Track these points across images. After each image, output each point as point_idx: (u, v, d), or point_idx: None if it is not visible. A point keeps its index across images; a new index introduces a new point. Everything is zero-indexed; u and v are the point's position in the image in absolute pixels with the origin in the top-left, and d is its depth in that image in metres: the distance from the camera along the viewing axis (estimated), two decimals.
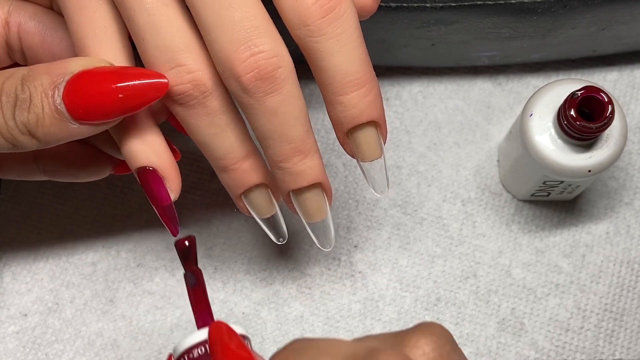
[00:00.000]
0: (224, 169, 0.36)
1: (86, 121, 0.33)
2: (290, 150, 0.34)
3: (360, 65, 0.34)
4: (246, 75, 0.32)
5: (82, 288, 0.47)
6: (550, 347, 0.46)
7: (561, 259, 0.48)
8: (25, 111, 0.33)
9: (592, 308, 0.47)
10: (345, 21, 0.33)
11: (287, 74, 0.33)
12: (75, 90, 0.32)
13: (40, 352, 0.46)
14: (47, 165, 0.41)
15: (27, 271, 0.47)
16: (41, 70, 0.33)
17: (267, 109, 0.33)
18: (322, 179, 0.36)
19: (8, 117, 0.33)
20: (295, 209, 0.37)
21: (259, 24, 0.32)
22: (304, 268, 0.47)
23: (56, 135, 0.33)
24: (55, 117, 0.33)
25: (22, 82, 0.33)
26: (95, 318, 0.47)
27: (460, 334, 0.46)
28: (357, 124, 0.35)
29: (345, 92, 0.34)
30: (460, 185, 0.49)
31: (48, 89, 0.32)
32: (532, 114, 0.42)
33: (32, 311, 0.47)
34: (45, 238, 0.48)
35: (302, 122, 0.34)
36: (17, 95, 0.33)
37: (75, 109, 0.32)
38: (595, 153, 0.42)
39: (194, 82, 0.33)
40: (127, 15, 0.33)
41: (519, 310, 0.47)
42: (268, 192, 0.37)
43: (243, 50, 0.32)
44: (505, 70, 0.50)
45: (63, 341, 0.46)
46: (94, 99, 0.32)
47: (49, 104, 0.32)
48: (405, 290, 0.47)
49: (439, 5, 0.44)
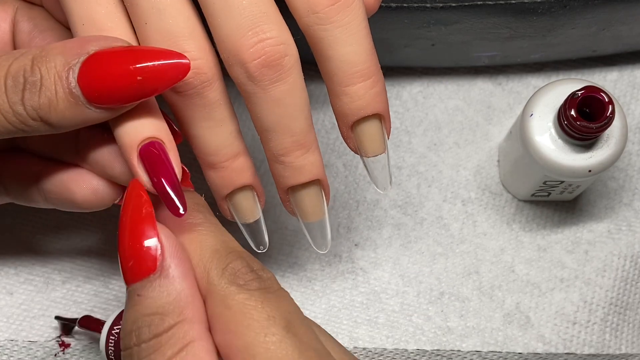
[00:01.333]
0: (213, 166, 0.35)
1: (102, 105, 0.31)
2: (292, 143, 0.34)
3: (368, 56, 0.33)
4: (253, 61, 0.31)
5: (75, 274, 0.47)
6: (557, 340, 0.46)
7: (564, 255, 0.47)
8: (36, 95, 0.31)
9: (598, 301, 0.47)
10: (354, 10, 0.32)
11: (293, 64, 0.32)
12: (91, 72, 0.30)
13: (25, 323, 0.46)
14: (49, 192, 0.38)
15: (16, 255, 0.47)
16: (55, 51, 0.31)
17: (272, 99, 0.32)
18: (322, 177, 0.35)
19: (14, 102, 0.31)
20: (292, 208, 0.36)
21: (267, 9, 0.32)
22: (305, 264, 0.47)
23: (70, 119, 0.31)
24: (69, 100, 0.31)
25: (32, 63, 0.31)
26: (87, 298, 0.46)
27: (466, 325, 0.46)
28: (363, 116, 0.34)
29: (352, 83, 0.33)
30: (461, 186, 0.49)
31: (62, 70, 0.31)
32: (532, 114, 0.42)
33: (20, 291, 0.46)
34: (38, 226, 0.47)
35: (305, 115, 0.33)
36: (25, 78, 0.31)
37: (91, 92, 0.31)
38: (596, 153, 0.42)
39: (195, 70, 0.32)
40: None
41: (524, 304, 0.47)
42: (254, 196, 0.36)
43: (250, 36, 0.31)
44: (505, 70, 0.51)
45: (51, 317, 0.46)
46: (111, 82, 0.30)
47: (62, 86, 0.31)
48: (407, 285, 0.47)
49: (439, 6, 0.44)
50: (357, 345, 0.46)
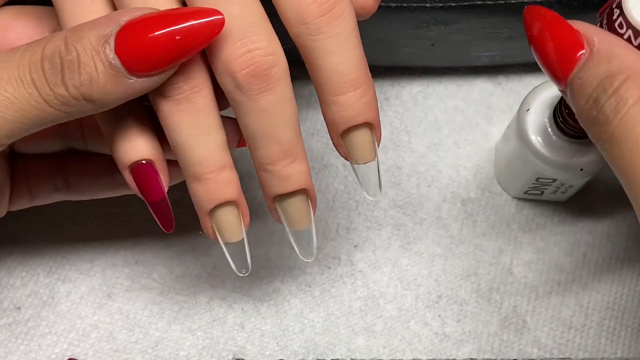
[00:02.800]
0: (198, 177, 0.34)
1: (143, 72, 0.31)
2: (279, 152, 0.34)
3: (358, 66, 0.33)
4: (241, 71, 0.32)
5: (78, 283, 0.47)
6: (553, 345, 0.46)
7: (562, 257, 0.47)
8: (76, 73, 0.31)
9: (595, 306, 0.47)
10: (344, 21, 0.33)
11: (282, 74, 0.32)
12: (128, 41, 0.31)
13: (33, 343, 0.46)
14: (71, 179, 0.40)
15: (22, 266, 0.47)
16: (86, 27, 0.31)
17: (259, 108, 0.33)
18: (309, 186, 0.35)
19: (55, 84, 0.31)
20: (278, 216, 0.36)
21: (256, 20, 0.32)
22: (304, 266, 0.47)
23: (113, 93, 0.31)
24: (110, 73, 0.31)
25: (65, 43, 0.31)
26: (91, 311, 0.46)
27: (463, 330, 0.46)
28: (353, 125, 0.34)
29: (342, 92, 0.33)
30: (460, 186, 0.49)
31: (97, 44, 0.30)
32: (529, 109, 0.43)
33: (27, 304, 0.47)
34: (42, 235, 0.47)
35: (292, 125, 0.34)
36: (62, 58, 0.31)
37: (130, 61, 0.31)
38: (589, 152, 0.42)
39: (186, 74, 0.32)
40: (124, 4, 0.32)
41: (521, 308, 0.47)
42: (238, 214, 0.36)
43: (239, 46, 0.32)
44: (505, 70, 0.51)
45: (57, 333, 0.46)
46: (149, 47, 0.30)
47: (101, 60, 0.31)
48: (406, 289, 0.47)
49: (439, 5, 0.44)
50: (354, 358, 0.46)
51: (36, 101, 0.31)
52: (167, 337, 0.46)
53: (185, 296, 0.46)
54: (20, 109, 0.31)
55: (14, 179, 0.40)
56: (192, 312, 0.46)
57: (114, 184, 0.40)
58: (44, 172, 0.40)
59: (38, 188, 0.40)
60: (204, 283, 0.47)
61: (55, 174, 0.40)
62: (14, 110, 0.31)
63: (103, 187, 0.41)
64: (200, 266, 0.47)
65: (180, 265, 0.47)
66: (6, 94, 0.31)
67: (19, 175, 0.40)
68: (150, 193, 0.35)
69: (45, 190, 0.40)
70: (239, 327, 0.46)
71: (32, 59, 0.31)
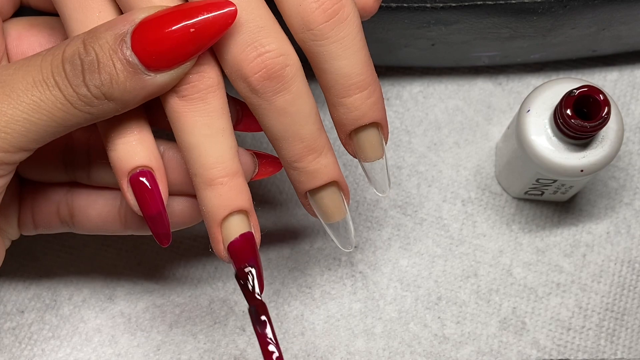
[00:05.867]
0: (212, 182, 0.34)
1: (161, 68, 0.31)
2: (302, 149, 0.34)
3: (363, 68, 0.34)
4: (254, 75, 0.32)
5: (80, 286, 0.47)
6: (551, 346, 0.46)
7: (562, 258, 0.48)
8: (96, 73, 0.31)
9: (594, 307, 0.47)
10: (348, 24, 0.33)
11: (295, 72, 0.33)
12: (144, 38, 0.31)
13: (36, 348, 0.46)
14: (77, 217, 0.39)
15: (24, 267, 0.47)
16: (102, 28, 0.32)
17: (277, 109, 0.33)
18: (338, 177, 0.36)
19: (77, 85, 0.31)
20: (313, 210, 0.37)
21: (264, 24, 0.32)
22: (304, 268, 0.47)
23: (133, 91, 0.32)
24: (129, 70, 0.31)
25: (84, 45, 0.31)
26: (93, 315, 0.47)
27: (462, 332, 0.46)
28: (360, 125, 0.35)
29: (349, 95, 0.34)
30: (461, 186, 0.49)
31: (114, 44, 0.31)
32: (529, 110, 0.43)
33: (29, 308, 0.47)
34: (43, 237, 0.48)
35: (312, 120, 0.34)
36: (82, 59, 0.31)
37: (147, 57, 0.31)
38: (589, 153, 0.42)
39: (201, 73, 0.33)
40: (133, 5, 0.32)
41: (520, 309, 0.47)
42: (251, 226, 0.35)
43: (250, 51, 0.32)
44: (505, 70, 0.51)
45: (60, 337, 0.46)
46: (165, 42, 0.31)
47: (119, 58, 0.31)
48: (405, 290, 0.47)
49: (439, 5, 0.44)
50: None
51: (61, 103, 0.32)
52: (169, 340, 0.46)
53: (187, 299, 0.47)
54: (47, 112, 0.32)
55: (21, 202, 0.40)
56: (193, 315, 0.46)
57: (119, 222, 0.39)
58: (49, 200, 0.40)
59: (41, 216, 0.40)
60: (204, 286, 0.47)
61: (59, 204, 0.39)
62: (41, 114, 0.32)
63: (108, 225, 0.39)
64: (201, 269, 0.47)
65: (182, 268, 0.47)
66: (33, 97, 0.31)
67: (25, 201, 0.40)
68: (149, 206, 0.34)
69: (49, 219, 0.40)
70: (240, 330, 0.46)
71: (54, 62, 0.32)
